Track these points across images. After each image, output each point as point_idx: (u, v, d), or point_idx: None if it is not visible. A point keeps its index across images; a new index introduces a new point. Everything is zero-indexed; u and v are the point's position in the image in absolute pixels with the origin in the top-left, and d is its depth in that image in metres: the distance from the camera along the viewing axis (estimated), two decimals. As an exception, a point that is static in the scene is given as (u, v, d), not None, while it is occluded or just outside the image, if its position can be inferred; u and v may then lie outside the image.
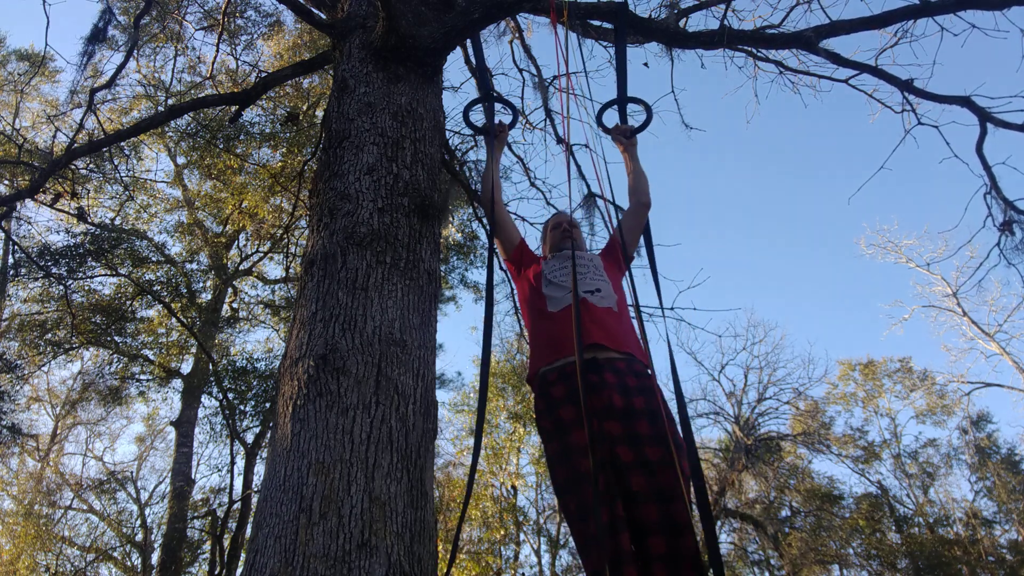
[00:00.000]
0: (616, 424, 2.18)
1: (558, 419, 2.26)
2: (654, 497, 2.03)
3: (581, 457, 2.10)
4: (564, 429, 2.22)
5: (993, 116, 4.58)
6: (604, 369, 2.32)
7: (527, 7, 4.38)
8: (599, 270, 2.72)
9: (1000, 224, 4.70)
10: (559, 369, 2.38)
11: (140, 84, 10.49)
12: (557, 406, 2.29)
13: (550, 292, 2.64)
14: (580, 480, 2.09)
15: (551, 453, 2.25)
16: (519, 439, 17.48)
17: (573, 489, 2.11)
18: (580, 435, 2.15)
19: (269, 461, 2.31)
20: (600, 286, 2.61)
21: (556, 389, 2.33)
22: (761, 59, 5.15)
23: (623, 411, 2.22)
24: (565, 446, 2.19)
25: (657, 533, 1.98)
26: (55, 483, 15.85)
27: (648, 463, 2.10)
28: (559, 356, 2.41)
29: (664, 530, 1.99)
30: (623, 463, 2.10)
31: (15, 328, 10.68)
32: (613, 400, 2.24)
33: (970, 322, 17.79)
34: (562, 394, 2.30)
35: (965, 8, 4.17)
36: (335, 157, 3.08)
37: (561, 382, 2.33)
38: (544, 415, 2.34)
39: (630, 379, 2.32)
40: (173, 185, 13.42)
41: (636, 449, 2.13)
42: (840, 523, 18.09)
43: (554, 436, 2.26)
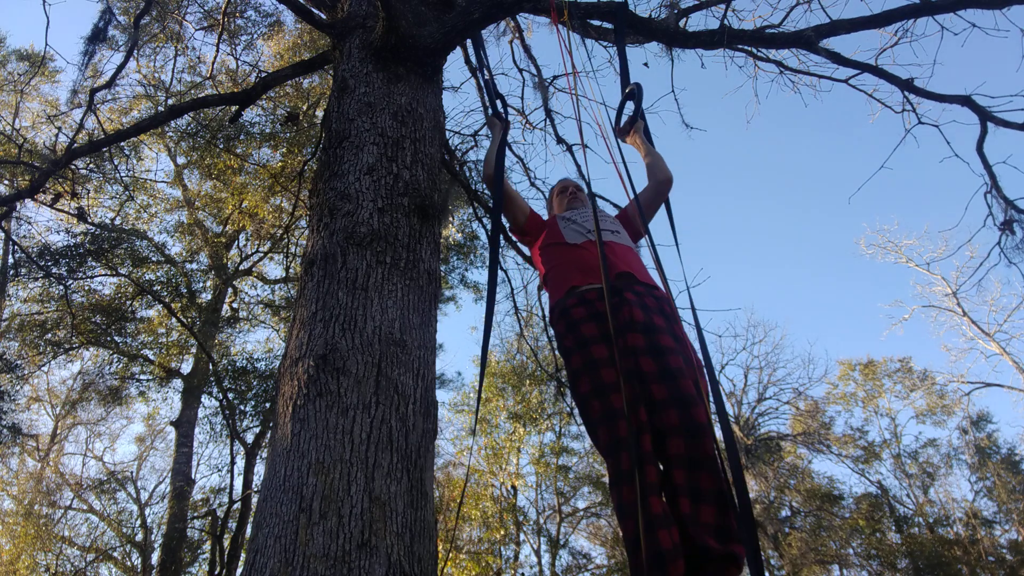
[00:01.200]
0: (639, 336, 2.27)
1: (580, 336, 2.35)
2: (675, 403, 2.11)
3: (604, 367, 2.21)
4: (585, 344, 2.31)
5: (993, 115, 4.58)
6: (624, 290, 2.42)
7: (527, 7, 4.38)
8: (615, 223, 2.85)
9: (1001, 223, 4.70)
10: (579, 295, 2.46)
11: (140, 84, 10.49)
12: (578, 325, 2.38)
13: (568, 229, 2.74)
14: (604, 389, 2.18)
15: (575, 366, 2.33)
16: (519, 439, 17.48)
17: (598, 397, 2.20)
18: (601, 349, 2.26)
19: (269, 461, 2.31)
20: (617, 230, 2.76)
21: (577, 311, 2.41)
22: (761, 59, 5.15)
23: (644, 325, 2.30)
24: (588, 359, 2.28)
25: (677, 435, 2.07)
26: (55, 483, 15.85)
27: (670, 371, 2.18)
28: (579, 284, 2.50)
29: (684, 433, 2.07)
30: (645, 372, 2.19)
31: (15, 328, 10.68)
32: (634, 314, 2.32)
33: (970, 322, 17.80)
34: (583, 315, 2.39)
35: (965, 7, 4.17)
36: (335, 157, 3.08)
37: (582, 306, 2.41)
38: (565, 335, 2.42)
39: (649, 300, 2.41)
40: (173, 185, 13.43)
41: (658, 360, 2.21)
42: (840, 523, 18.09)
43: (575, 351, 2.34)
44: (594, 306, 2.39)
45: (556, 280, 2.64)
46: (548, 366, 11.67)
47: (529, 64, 6.11)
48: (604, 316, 2.30)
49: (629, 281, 2.48)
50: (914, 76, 4.61)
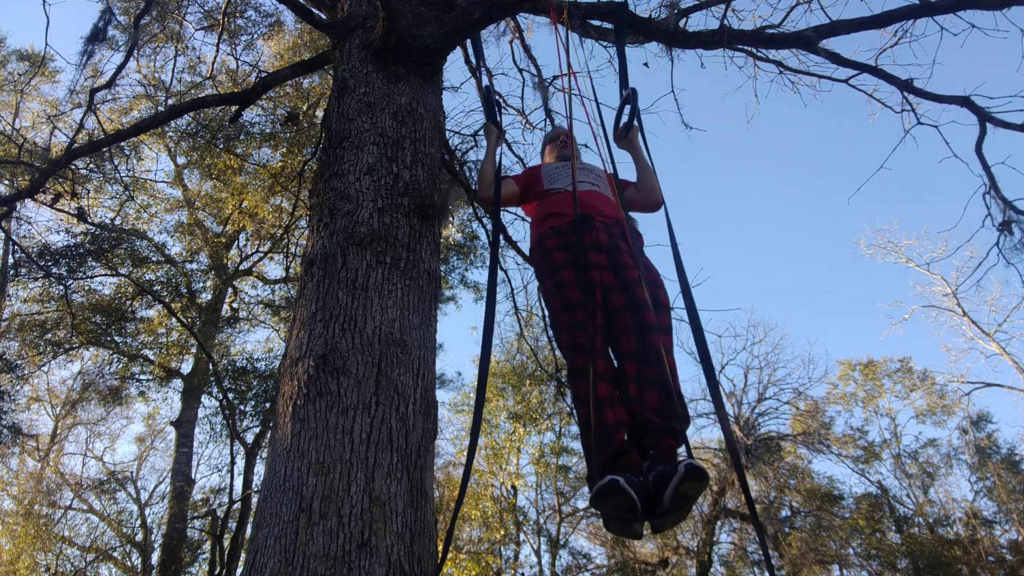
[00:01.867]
0: (602, 256, 2.64)
1: (551, 262, 2.72)
2: (629, 308, 2.49)
3: (571, 288, 2.58)
4: (556, 269, 2.69)
5: (992, 116, 4.58)
6: (593, 220, 2.75)
7: (527, 7, 4.39)
8: (600, 177, 3.11)
9: (999, 224, 4.70)
10: (553, 228, 2.81)
11: (140, 84, 10.49)
12: (551, 253, 2.75)
13: (549, 181, 3.06)
14: (570, 304, 2.55)
15: (547, 287, 2.70)
16: (519, 439, 17.48)
17: (565, 310, 2.57)
18: (569, 272, 2.63)
19: (269, 461, 2.31)
20: (597, 183, 3.03)
21: (550, 242, 2.77)
22: (761, 59, 5.15)
23: (608, 247, 2.67)
24: (557, 281, 2.65)
25: (629, 334, 2.45)
26: (55, 483, 15.84)
27: (626, 282, 2.55)
28: (554, 223, 2.83)
29: (635, 331, 2.45)
30: (607, 284, 2.57)
31: (15, 328, 10.68)
32: (599, 238, 2.69)
33: (970, 322, 17.80)
34: (555, 244, 2.75)
35: (965, 8, 4.18)
36: (335, 157, 3.08)
37: (555, 237, 2.77)
38: (540, 263, 2.80)
39: (615, 228, 2.75)
40: (173, 185, 13.43)
41: (618, 275, 2.59)
42: (840, 523, 18.08)
43: (548, 275, 2.71)
44: (565, 236, 2.73)
45: (536, 221, 2.98)
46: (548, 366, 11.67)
47: (529, 64, 6.12)
48: (574, 244, 2.65)
49: (597, 212, 2.80)
50: (914, 77, 4.62)
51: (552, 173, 3.11)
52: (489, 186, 3.01)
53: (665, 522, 2.14)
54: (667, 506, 2.07)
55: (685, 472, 2.02)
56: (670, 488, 2.04)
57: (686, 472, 2.02)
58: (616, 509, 2.11)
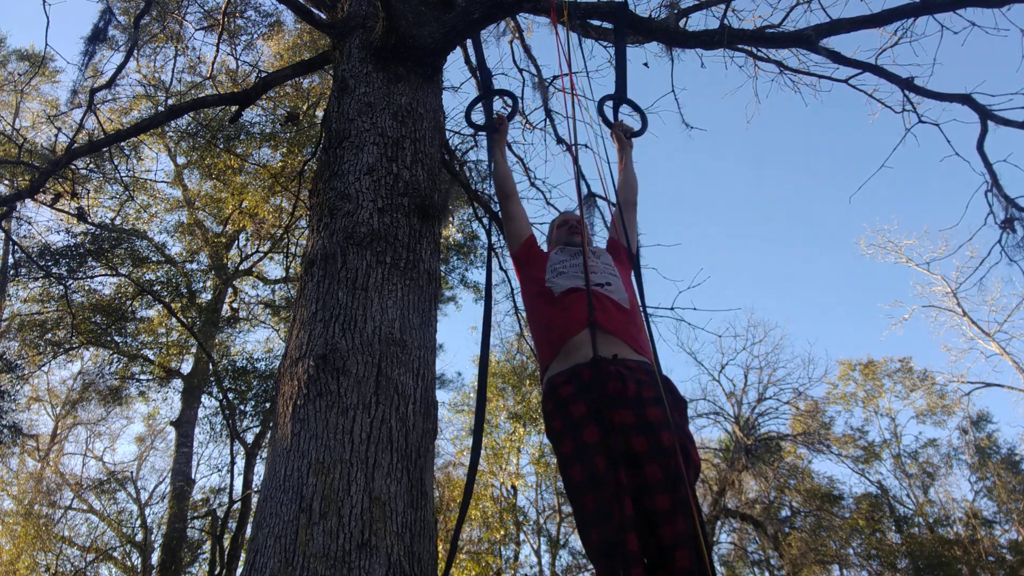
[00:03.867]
0: (628, 413, 2.14)
1: (568, 417, 2.21)
2: (667, 485, 2.01)
3: (597, 454, 2.08)
4: (576, 427, 2.17)
5: (994, 114, 4.57)
6: (611, 367, 2.27)
7: (527, 7, 4.38)
8: (610, 266, 2.67)
9: (1001, 222, 4.70)
10: (567, 372, 2.32)
11: (140, 84, 10.50)
12: (566, 404, 2.24)
13: (555, 280, 2.58)
14: (597, 480, 2.04)
15: (565, 452, 2.20)
16: (519, 439, 17.48)
17: (591, 488, 2.06)
18: (592, 431, 2.12)
19: (269, 461, 2.31)
20: (611, 280, 2.56)
21: (565, 389, 2.27)
22: (761, 59, 5.15)
23: (635, 399, 2.17)
24: (579, 445, 2.14)
25: (674, 517, 1.97)
26: (55, 483, 15.84)
27: (663, 450, 2.07)
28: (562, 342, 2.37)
29: (679, 513, 1.97)
30: (637, 452, 2.07)
31: (15, 328, 10.68)
32: (628, 389, 2.18)
33: (970, 322, 17.79)
34: (571, 392, 2.25)
35: (965, 6, 4.18)
36: (335, 157, 3.08)
37: (570, 382, 2.27)
38: (554, 415, 2.28)
39: (641, 374, 2.28)
40: (173, 185, 13.42)
41: (650, 437, 2.10)
42: (840, 523, 18.08)
43: (565, 435, 2.20)
44: (582, 379, 2.25)
45: (539, 336, 2.53)
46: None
47: (529, 64, 6.12)
48: (592, 389, 2.19)
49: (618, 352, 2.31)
50: (914, 75, 4.61)
51: (559, 262, 2.66)
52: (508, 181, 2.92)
53: None
54: None
55: None
56: None
57: None
58: None
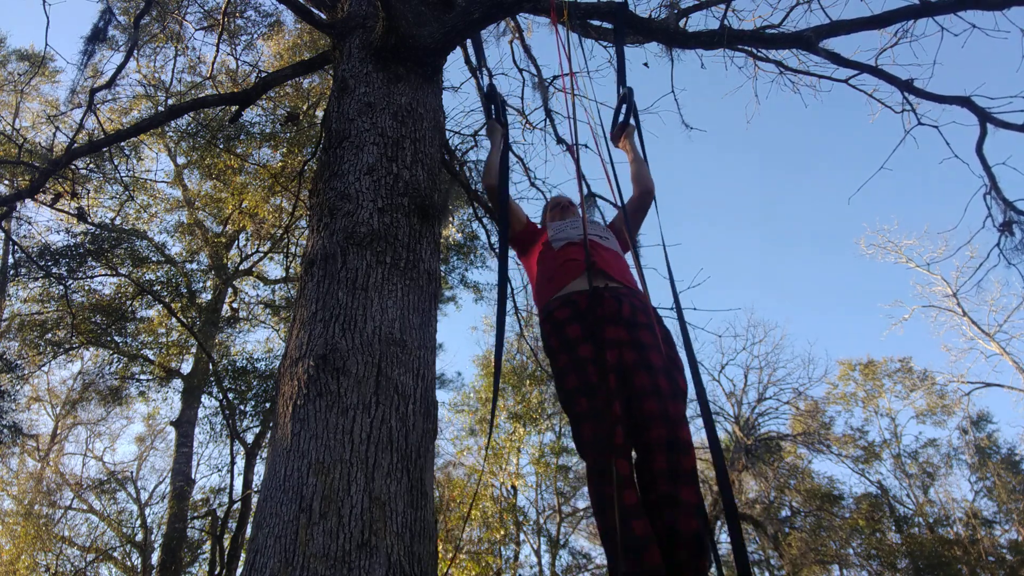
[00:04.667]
0: (622, 330, 2.38)
1: (564, 337, 2.43)
2: (654, 394, 2.25)
3: (590, 365, 2.31)
4: (571, 345, 2.40)
5: (993, 116, 4.58)
6: (606, 292, 2.50)
7: (527, 7, 4.39)
8: (605, 231, 2.92)
9: (1000, 224, 4.70)
10: (563, 298, 2.53)
11: (140, 84, 10.49)
12: (563, 326, 2.46)
13: (556, 236, 2.81)
14: (591, 387, 2.27)
15: (561, 364, 2.41)
16: (519, 439, 17.48)
17: (584, 392, 2.29)
18: (587, 348, 2.35)
19: (269, 461, 2.31)
20: (606, 235, 2.82)
21: (561, 312, 2.50)
22: (761, 59, 5.15)
23: (628, 320, 2.41)
24: (574, 358, 2.36)
25: (659, 423, 2.19)
26: (55, 483, 15.84)
27: (651, 365, 2.30)
28: (562, 286, 2.57)
29: (664, 421, 2.20)
30: (627, 363, 2.31)
31: (15, 328, 10.68)
32: (621, 309, 2.43)
33: (970, 322, 17.80)
34: (567, 315, 2.47)
35: (965, 8, 4.17)
36: (335, 157, 3.08)
37: (566, 307, 2.49)
38: (551, 335, 2.50)
39: (634, 300, 2.51)
40: (173, 185, 13.43)
41: (640, 352, 2.33)
42: (840, 523, 18.08)
43: (561, 351, 2.42)
44: (578, 306, 2.46)
45: (541, 284, 2.72)
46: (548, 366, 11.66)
47: (529, 64, 6.12)
48: (588, 315, 2.40)
49: (611, 274, 2.57)
50: (914, 77, 4.62)
51: (557, 227, 2.89)
52: (495, 175, 2.98)
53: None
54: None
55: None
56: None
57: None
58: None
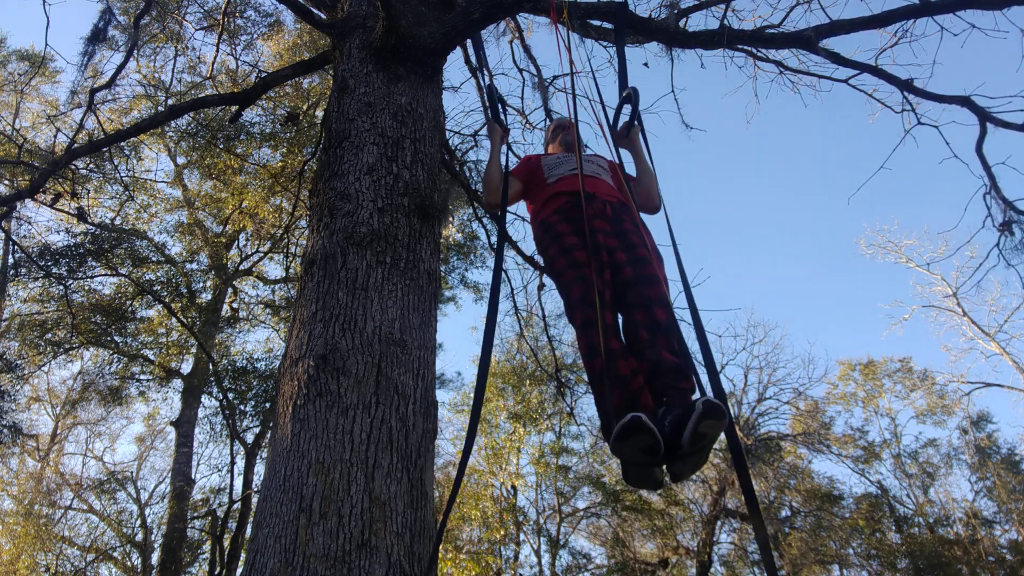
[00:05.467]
0: (606, 224, 2.65)
1: (554, 231, 2.72)
2: (632, 263, 2.53)
3: (576, 249, 2.59)
4: (560, 236, 2.68)
5: (993, 116, 4.58)
6: (597, 196, 2.76)
7: (527, 7, 4.39)
8: (604, 167, 3.07)
9: (999, 224, 4.70)
10: (555, 208, 2.81)
11: (140, 84, 10.50)
12: (553, 225, 2.74)
13: (550, 170, 3.01)
14: (577, 262, 2.56)
15: (551, 253, 2.70)
16: (519, 439, 17.48)
17: (571, 267, 2.57)
18: (573, 238, 2.63)
19: (269, 461, 2.31)
20: (600, 172, 2.99)
21: (552, 217, 2.78)
22: (761, 59, 5.15)
23: (612, 218, 2.68)
24: (562, 245, 2.66)
25: (636, 285, 2.48)
26: (55, 483, 15.84)
27: (630, 243, 2.59)
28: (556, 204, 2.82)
29: (640, 282, 2.48)
30: (611, 246, 2.58)
31: (15, 328, 10.68)
32: (605, 210, 2.71)
33: (970, 322, 17.79)
34: (557, 218, 2.75)
35: (965, 8, 4.17)
36: (335, 157, 3.08)
37: (556, 212, 2.78)
38: (543, 233, 2.79)
39: (620, 208, 2.77)
40: (173, 185, 13.42)
41: (621, 239, 2.61)
42: (840, 523, 18.08)
43: (551, 243, 2.71)
44: (568, 212, 2.73)
45: (537, 206, 2.95)
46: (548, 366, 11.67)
47: (529, 64, 6.12)
48: (576, 217, 2.65)
49: (601, 192, 2.82)
50: (914, 76, 4.61)
51: (553, 163, 3.07)
52: (496, 191, 2.99)
53: (684, 467, 2.08)
54: (686, 448, 2.00)
55: (703, 409, 1.93)
56: (688, 427, 1.97)
57: (704, 409, 1.93)
58: (638, 449, 2.02)
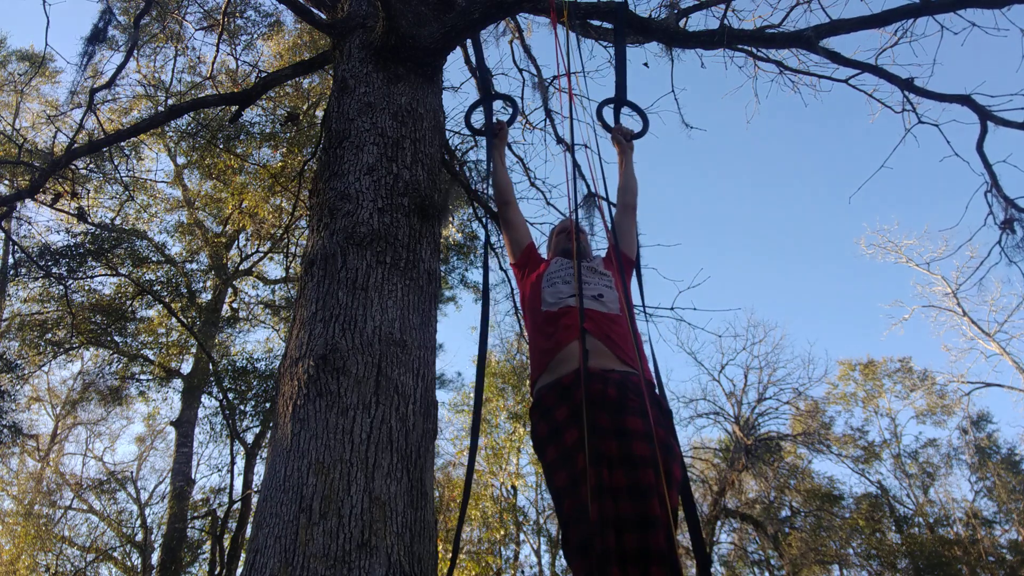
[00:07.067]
0: (604, 415, 2.16)
1: (552, 421, 2.27)
2: (631, 492, 2.02)
3: (576, 453, 2.11)
4: (558, 431, 2.23)
5: (993, 114, 4.57)
6: (598, 378, 2.30)
7: (527, 7, 4.38)
8: (604, 276, 2.69)
9: (1001, 222, 4.69)
10: (552, 383, 2.37)
11: (140, 84, 10.49)
12: (551, 411, 2.30)
13: (549, 292, 2.62)
14: (576, 480, 2.08)
15: (550, 459, 2.24)
16: (519, 439, 17.48)
17: (570, 491, 2.10)
18: (572, 433, 2.16)
19: (269, 461, 2.31)
20: (603, 292, 2.59)
21: (549, 398, 2.33)
22: (761, 59, 5.15)
23: (615, 404, 2.20)
24: (561, 449, 2.19)
25: (631, 528, 1.97)
26: (55, 483, 15.85)
27: (632, 458, 2.08)
28: (552, 357, 2.40)
29: (636, 525, 1.96)
30: (609, 456, 2.09)
31: (15, 328, 10.68)
32: (607, 393, 2.23)
33: (970, 322, 17.79)
34: (555, 400, 2.30)
35: (965, 7, 4.17)
36: (335, 157, 3.08)
37: (563, 402, 2.29)
38: (540, 422, 2.34)
39: (625, 383, 2.31)
40: (173, 185, 13.43)
41: (622, 442, 2.11)
42: (840, 523, 18.08)
43: (550, 441, 2.25)
44: (564, 385, 2.31)
45: (534, 352, 2.57)
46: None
47: (529, 64, 6.11)
48: (574, 394, 2.23)
49: (605, 367, 2.34)
50: (914, 76, 4.61)
51: (554, 274, 2.69)
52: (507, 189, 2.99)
53: None
54: None
55: None
56: None
57: None
58: None
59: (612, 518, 1.97)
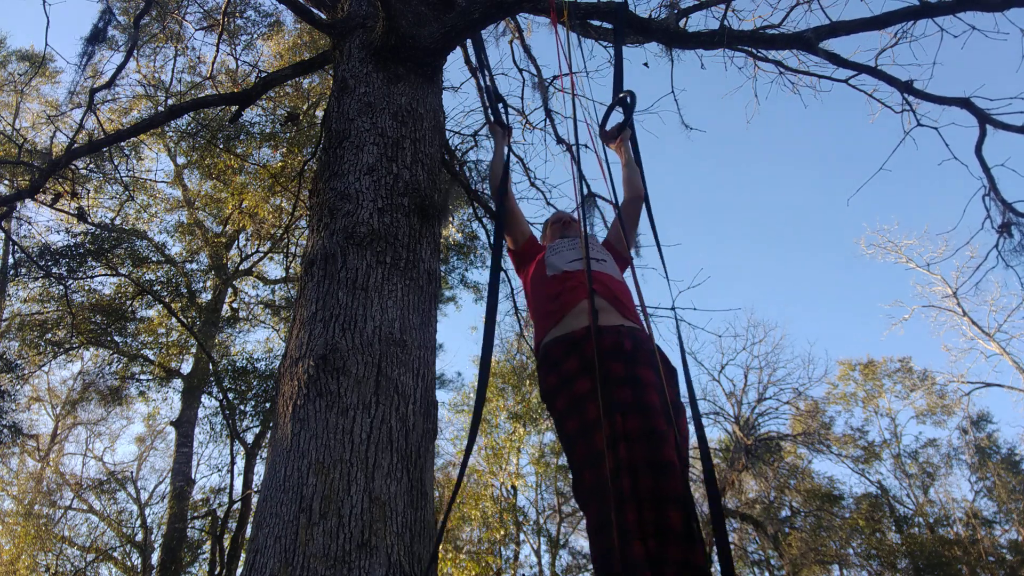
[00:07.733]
0: (620, 365, 2.19)
1: (561, 372, 2.28)
2: (646, 437, 2.04)
3: (588, 402, 2.14)
4: (568, 380, 2.24)
5: (992, 118, 4.57)
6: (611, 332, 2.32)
7: (527, 7, 4.39)
8: (603, 251, 2.79)
9: (998, 226, 4.69)
10: (565, 339, 2.35)
11: (140, 84, 10.49)
12: (559, 363, 2.31)
13: (555, 258, 2.69)
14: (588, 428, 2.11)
15: (560, 408, 2.25)
16: (519, 439, 17.48)
17: (583, 436, 2.13)
18: (584, 383, 2.18)
19: (269, 461, 2.31)
20: (604, 259, 2.69)
21: (569, 363, 2.29)
22: (761, 59, 5.15)
23: (629, 355, 2.23)
24: (571, 398, 2.21)
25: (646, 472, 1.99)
26: (55, 483, 15.86)
27: (645, 405, 2.11)
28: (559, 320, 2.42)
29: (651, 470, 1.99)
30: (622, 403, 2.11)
31: (15, 328, 10.68)
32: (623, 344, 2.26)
33: (970, 322, 17.79)
34: (576, 367, 2.25)
35: (965, 9, 4.17)
36: (335, 157, 3.08)
37: (573, 354, 2.29)
38: (548, 373, 2.33)
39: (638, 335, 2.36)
40: (173, 185, 13.43)
41: (636, 390, 2.14)
42: (840, 523, 18.09)
43: (559, 391, 2.26)
44: (575, 339, 2.31)
45: (539, 315, 2.57)
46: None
47: (529, 64, 6.12)
48: (585, 347, 2.23)
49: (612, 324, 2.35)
50: (913, 78, 4.62)
51: (555, 247, 2.76)
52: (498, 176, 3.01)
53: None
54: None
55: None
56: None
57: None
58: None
59: (626, 463, 1.99)
